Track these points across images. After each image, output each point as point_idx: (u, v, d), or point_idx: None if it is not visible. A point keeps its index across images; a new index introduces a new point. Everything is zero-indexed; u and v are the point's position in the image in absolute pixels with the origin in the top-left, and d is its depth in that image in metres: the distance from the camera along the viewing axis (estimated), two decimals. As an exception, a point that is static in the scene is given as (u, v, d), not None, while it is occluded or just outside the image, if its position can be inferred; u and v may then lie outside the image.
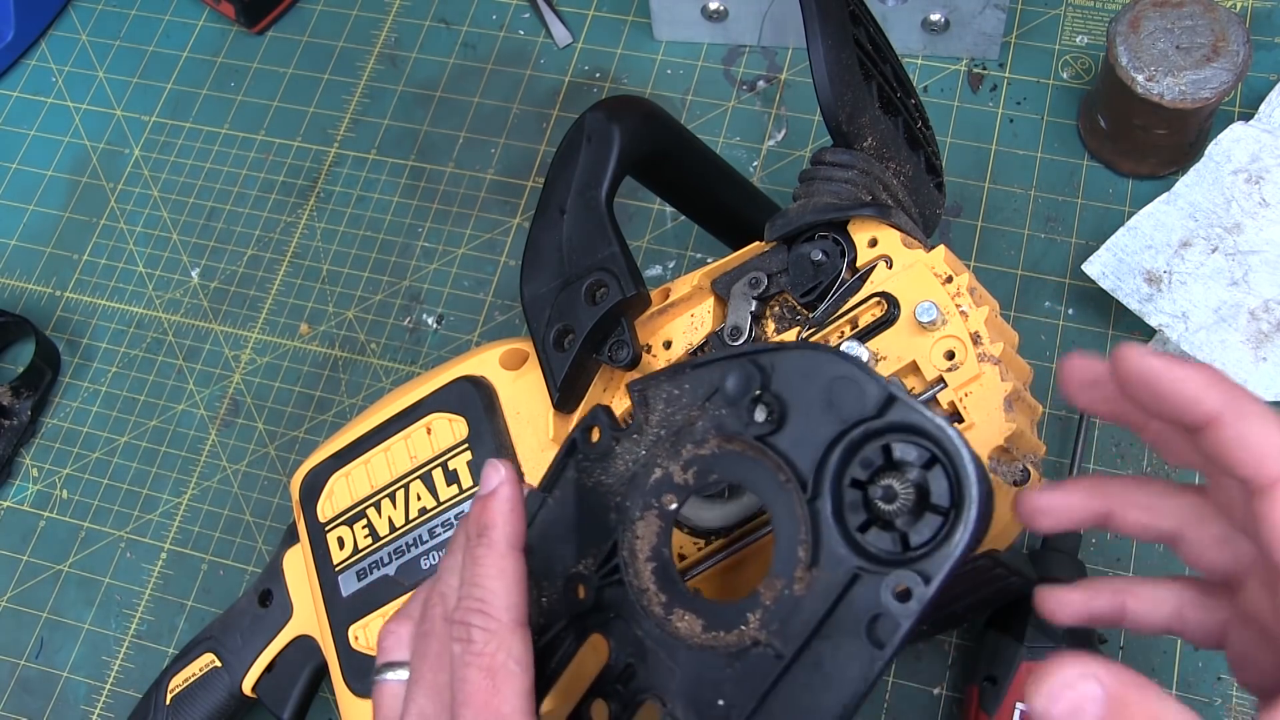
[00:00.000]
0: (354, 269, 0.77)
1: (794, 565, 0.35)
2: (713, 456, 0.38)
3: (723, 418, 0.38)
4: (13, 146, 0.86)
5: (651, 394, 0.39)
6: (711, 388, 0.38)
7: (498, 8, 0.83)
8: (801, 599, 0.35)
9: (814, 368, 0.36)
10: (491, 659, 0.36)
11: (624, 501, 0.39)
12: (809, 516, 0.35)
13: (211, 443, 0.73)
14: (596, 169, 0.51)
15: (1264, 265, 0.63)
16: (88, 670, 0.69)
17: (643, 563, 0.39)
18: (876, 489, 0.34)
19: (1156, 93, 0.63)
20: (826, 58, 0.50)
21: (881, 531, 0.34)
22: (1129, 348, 0.35)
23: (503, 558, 0.38)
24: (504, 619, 0.37)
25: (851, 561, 0.34)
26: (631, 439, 0.40)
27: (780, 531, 0.36)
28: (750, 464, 0.37)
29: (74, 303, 0.79)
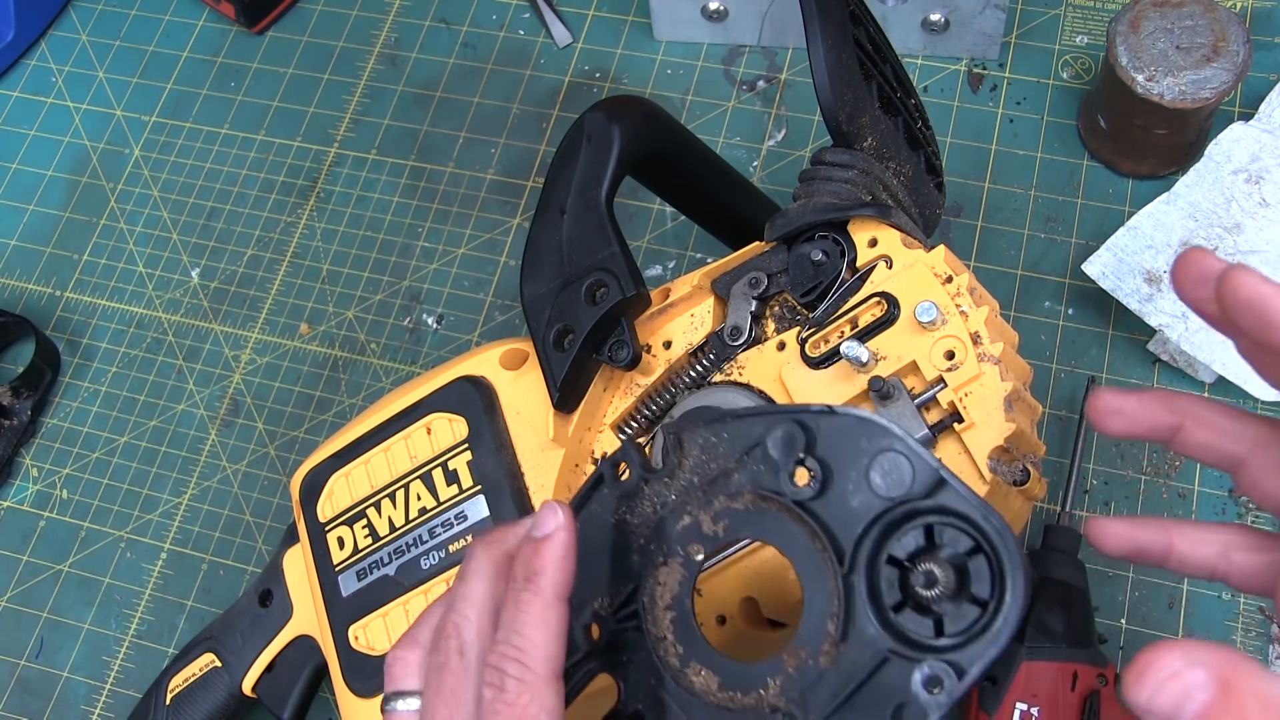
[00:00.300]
0: (354, 269, 0.77)
1: (822, 637, 0.35)
2: (746, 512, 0.37)
3: (761, 474, 0.37)
4: (13, 146, 0.86)
5: (687, 438, 0.39)
6: (752, 441, 0.37)
7: (498, 8, 0.83)
8: (826, 672, 0.34)
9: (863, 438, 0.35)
10: (523, 711, 0.35)
11: (648, 545, 0.39)
12: (843, 590, 0.35)
13: (211, 443, 0.73)
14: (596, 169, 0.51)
15: (1264, 265, 0.63)
16: (88, 670, 0.69)
17: (662, 610, 0.38)
18: (918, 573, 0.34)
19: (1156, 93, 0.63)
20: (826, 58, 0.50)
21: (917, 615, 0.34)
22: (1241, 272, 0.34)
23: (548, 608, 0.37)
24: (541, 671, 0.36)
25: (883, 643, 0.34)
26: (662, 481, 0.39)
27: (811, 601, 0.35)
28: (785, 526, 0.36)
29: (74, 303, 0.79)
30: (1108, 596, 0.61)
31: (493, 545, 0.40)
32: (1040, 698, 0.54)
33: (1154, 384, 0.65)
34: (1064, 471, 0.63)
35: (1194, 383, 0.64)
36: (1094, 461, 0.64)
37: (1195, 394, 0.40)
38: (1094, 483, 0.63)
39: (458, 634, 0.38)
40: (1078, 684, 0.54)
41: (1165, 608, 0.60)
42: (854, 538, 0.35)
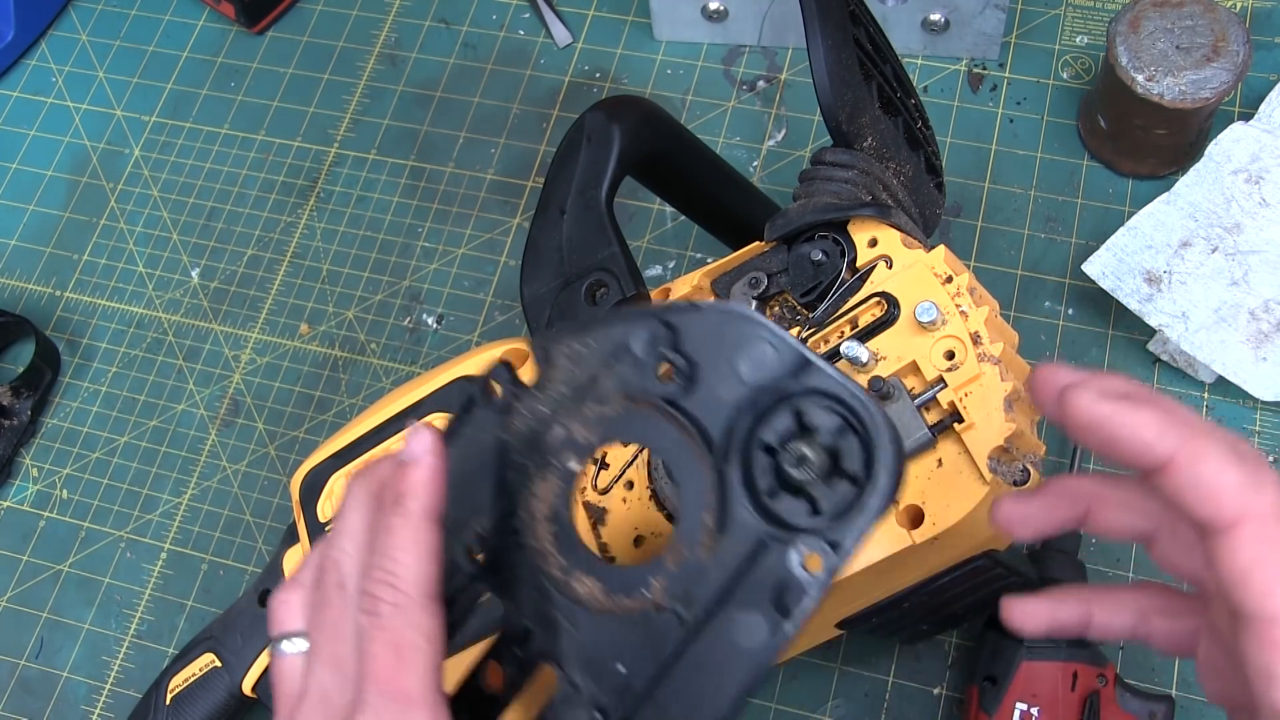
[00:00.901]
0: (354, 269, 0.77)
1: (699, 531, 0.34)
2: (617, 417, 0.37)
3: (629, 377, 0.36)
4: (13, 146, 0.86)
5: (554, 350, 0.38)
6: (618, 345, 0.37)
7: (498, 8, 0.83)
8: (707, 565, 0.34)
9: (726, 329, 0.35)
10: (399, 634, 0.35)
11: (524, 460, 0.38)
12: (716, 481, 0.34)
13: (211, 443, 0.73)
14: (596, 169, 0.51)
15: (1264, 265, 0.63)
16: (88, 670, 0.69)
17: (541, 523, 0.38)
18: (787, 455, 0.33)
19: (1156, 93, 0.63)
20: (826, 58, 0.50)
21: (791, 498, 0.33)
22: (1078, 393, 0.34)
23: (416, 529, 0.37)
24: (413, 593, 0.36)
25: (759, 528, 0.33)
26: (533, 396, 0.38)
27: (687, 496, 0.35)
28: (656, 426, 0.36)
29: (74, 303, 0.79)
30: (1108, 596, 0.60)
31: (368, 477, 0.39)
32: (1040, 698, 0.54)
33: (1154, 384, 0.65)
34: (1064, 471, 0.63)
35: (1194, 383, 0.64)
36: (1094, 462, 0.64)
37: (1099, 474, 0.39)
38: (1094, 483, 0.63)
39: (336, 568, 0.37)
40: (1078, 684, 0.54)
41: (1165, 608, 0.60)
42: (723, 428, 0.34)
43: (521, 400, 0.39)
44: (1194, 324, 0.62)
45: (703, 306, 0.35)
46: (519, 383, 0.39)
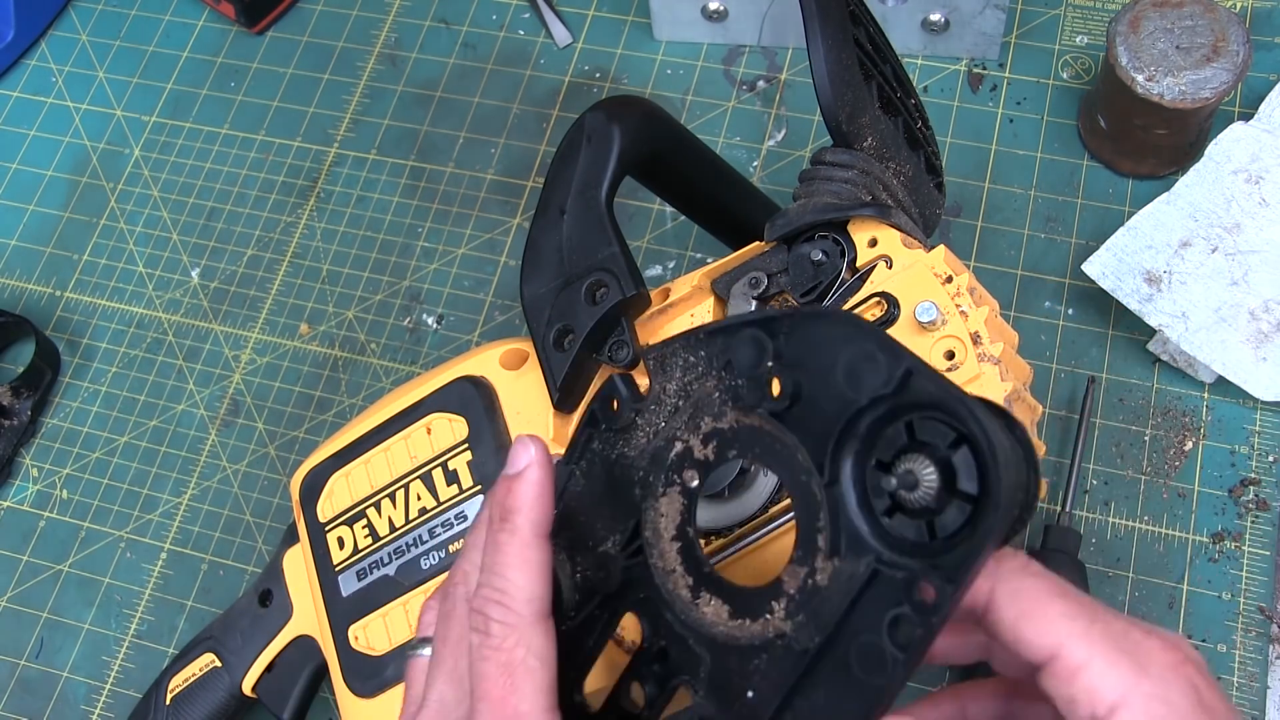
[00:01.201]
0: (354, 269, 0.77)
1: (814, 553, 0.33)
2: (731, 431, 0.35)
3: (738, 389, 0.35)
4: (13, 146, 0.86)
5: (669, 362, 0.37)
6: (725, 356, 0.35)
7: (498, 8, 0.83)
8: (824, 589, 0.32)
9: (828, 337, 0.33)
10: (510, 654, 0.35)
11: (647, 476, 0.37)
12: (828, 501, 0.33)
13: (211, 443, 0.73)
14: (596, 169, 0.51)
15: (1264, 265, 0.63)
16: (88, 670, 0.69)
17: (668, 542, 0.37)
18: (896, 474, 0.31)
19: (1156, 93, 0.63)
20: (826, 58, 0.50)
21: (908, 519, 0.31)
22: None
23: (526, 546, 0.36)
24: (524, 612, 0.35)
25: (873, 551, 0.32)
26: (651, 410, 0.37)
27: (800, 517, 0.33)
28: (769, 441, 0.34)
29: (74, 303, 0.79)
30: (1108, 596, 0.61)
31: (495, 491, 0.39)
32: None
33: (1154, 384, 0.65)
34: (1064, 471, 0.63)
35: (1194, 383, 0.64)
36: (1094, 461, 0.64)
37: None
38: (1094, 483, 0.63)
39: (464, 581, 0.38)
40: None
41: (1165, 607, 0.60)
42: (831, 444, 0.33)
43: (642, 414, 0.38)
44: (1194, 324, 0.62)
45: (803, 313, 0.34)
46: (639, 396, 0.38)
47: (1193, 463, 0.63)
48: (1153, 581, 0.61)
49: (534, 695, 0.35)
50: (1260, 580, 0.60)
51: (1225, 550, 0.61)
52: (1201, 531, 0.61)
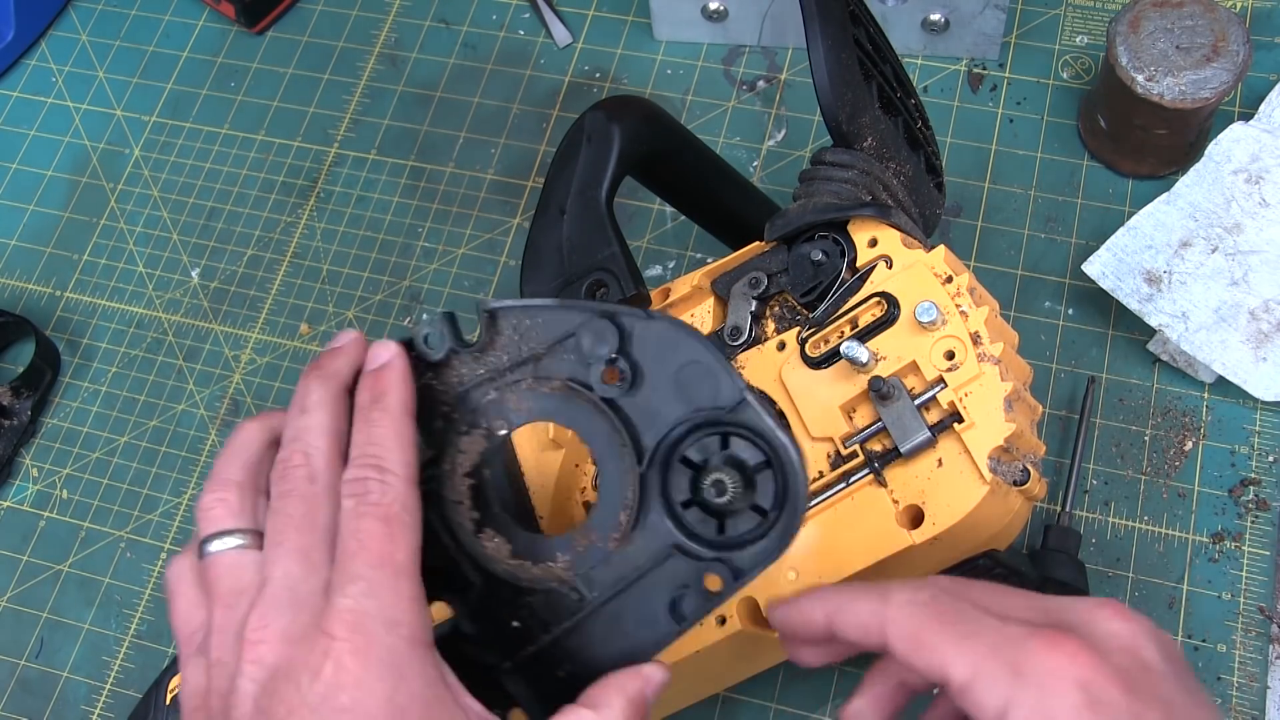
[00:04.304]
0: (354, 269, 0.77)
1: (614, 525, 0.37)
2: (553, 397, 0.39)
3: (573, 364, 0.39)
4: (13, 146, 0.86)
5: (502, 318, 0.40)
6: (566, 331, 0.39)
7: (498, 8, 0.83)
8: (613, 556, 0.37)
9: (675, 346, 0.37)
10: (388, 509, 0.36)
11: (451, 413, 0.40)
12: (638, 485, 0.37)
13: (211, 443, 0.73)
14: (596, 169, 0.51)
15: (1264, 265, 0.63)
16: (88, 670, 0.69)
17: (460, 477, 0.40)
18: (710, 478, 0.36)
19: (1156, 93, 0.63)
20: (826, 58, 0.50)
21: (702, 514, 0.37)
22: (770, 613, 0.41)
23: (397, 420, 0.38)
24: (401, 473, 0.37)
25: (670, 537, 0.37)
26: (472, 355, 0.40)
27: (606, 490, 0.38)
28: (590, 416, 0.38)
29: (74, 303, 0.79)
30: (1108, 596, 0.60)
31: (330, 379, 0.40)
32: None
33: (1154, 384, 0.65)
34: (1064, 471, 0.63)
35: (1194, 383, 0.64)
36: (1094, 461, 0.64)
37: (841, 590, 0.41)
38: (1094, 483, 0.63)
39: (307, 461, 0.38)
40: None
41: (1165, 607, 0.60)
42: (655, 439, 0.37)
43: (459, 356, 0.40)
44: (1194, 324, 0.62)
45: (656, 317, 0.37)
46: (460, 338, 0.40)
47: (1193, 463, 0.63)
48: (1153, 581, 0.61)
49: (409, 548, 0.36)
50: (1260, 580, 0.60)
51: (1225, 550, 0.61)
52: (1201, 531, 0.61)
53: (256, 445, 0.41)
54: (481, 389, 0.40)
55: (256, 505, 0.40)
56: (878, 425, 0.47)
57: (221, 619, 0.37)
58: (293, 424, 0.39)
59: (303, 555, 0.36)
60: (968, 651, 0.34)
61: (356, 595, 0.35)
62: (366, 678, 0.34)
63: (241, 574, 0.38)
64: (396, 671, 0.34)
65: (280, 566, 0.36)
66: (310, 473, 0.38)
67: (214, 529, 0.39)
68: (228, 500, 0.39)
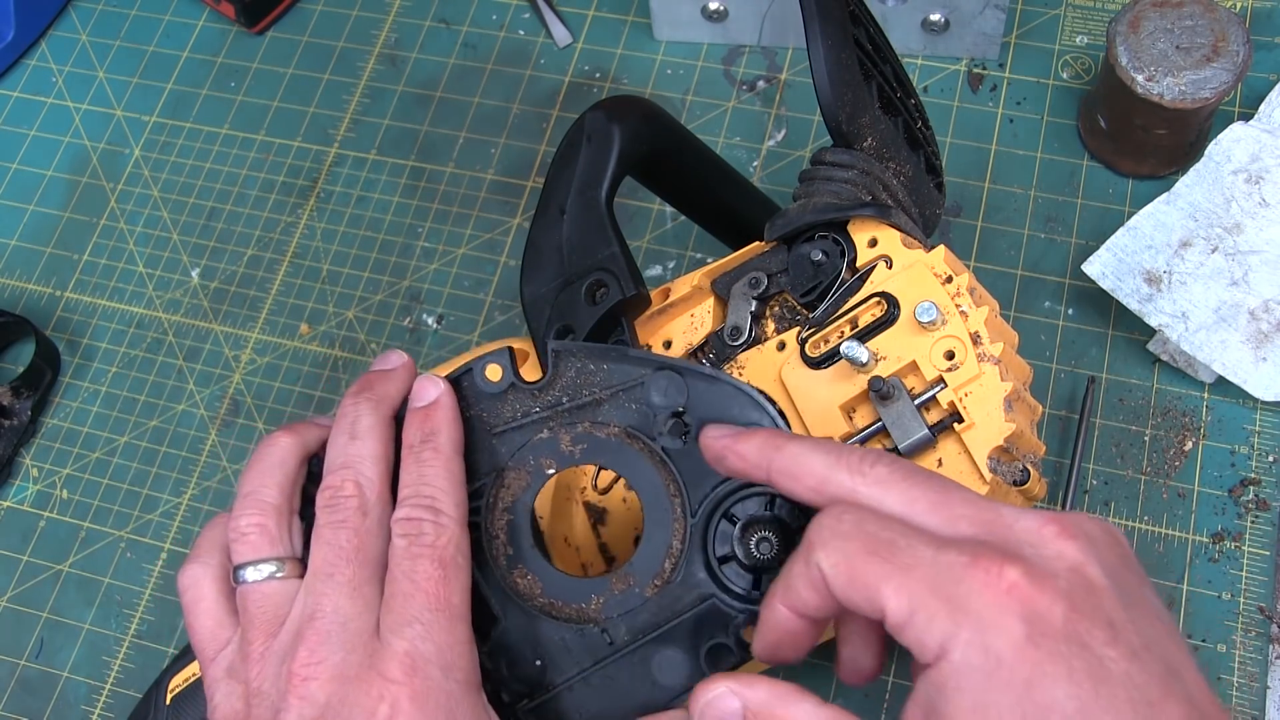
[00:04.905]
0: (354, 269, 0.77)
1: (654, 571, 0.38)
2: (610, 442, 0.40)
3: (634, 414, 0.40)
4: (13, 146, 0.86)
5: (565, 359, 0.41)
6: (630, 381, 0.40)
7: (498, 8, 0.83)
8: (649, 601, 0.38)
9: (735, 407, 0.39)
10: (443, 551, 0.37)
11: (499, 447, 0.41)
12: (684, 535, 0.38)
13: (211, 443, 0.73)
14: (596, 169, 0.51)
15: (1264, 265, 0.63)
16: (88, 670, 0.69)
17: (499, 512, 0.40)
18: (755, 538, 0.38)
19: (1156, 93, 0.63)
20: (826, 58, 0.50)
21: (739, 569, 0.38)
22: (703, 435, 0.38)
23: (449, 460, 0.39)
24: (454, 514, 0.38)
25: (708, 588, 0.38)
26: (530, 392, 0.41)
27: (651, 538, 0.39)
28: (643, 466, 0.39)
29: (74, 303, 0.79)
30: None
31: (381, 404, 0.40)
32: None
33: (1154, 384, 0.65)
34: (1064, 471, 0.63)
35: (1194, 383, 0.64)
36: (1094, 461, 0.64)
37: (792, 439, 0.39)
38: (1094, 483, 0.63)
39: (360, 493, 0.38)
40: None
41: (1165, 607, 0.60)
42: (704, 493, 0.39)
43: (515, 390, 0.41)
44: (1194, 324, 0.62)
45: (722, 379, 0.39)
46: (519, 375, 0.41)
47: (1193, 463, 0.63)
48: (1152, 581, 0.61)
49: (464, 591, 0.37)
50: (1260, 580, 0.60)
51: (1225, 550, 0.61)
52: (1201, 531, 0.61)
53: (292, 464, 0.40)
54: (535, 426, 0.40)
55: (293, 530, 0.39)
56: (878, 425, 0.47)
57: (261, 647, 0.37)
58: (342, 449, 0.39)
59: (354, 590, 0.36)
60: (903, 587, 0.32)
61: (413, 638, 0.35)
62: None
63: (280, 603, 0.37)
64: (451, 716, 0.35)
65: (331, 600, 0.36)
66: (363, 504, 0.38)
67: (253, 556, 0.38)
68: (266, 526, 0.39)
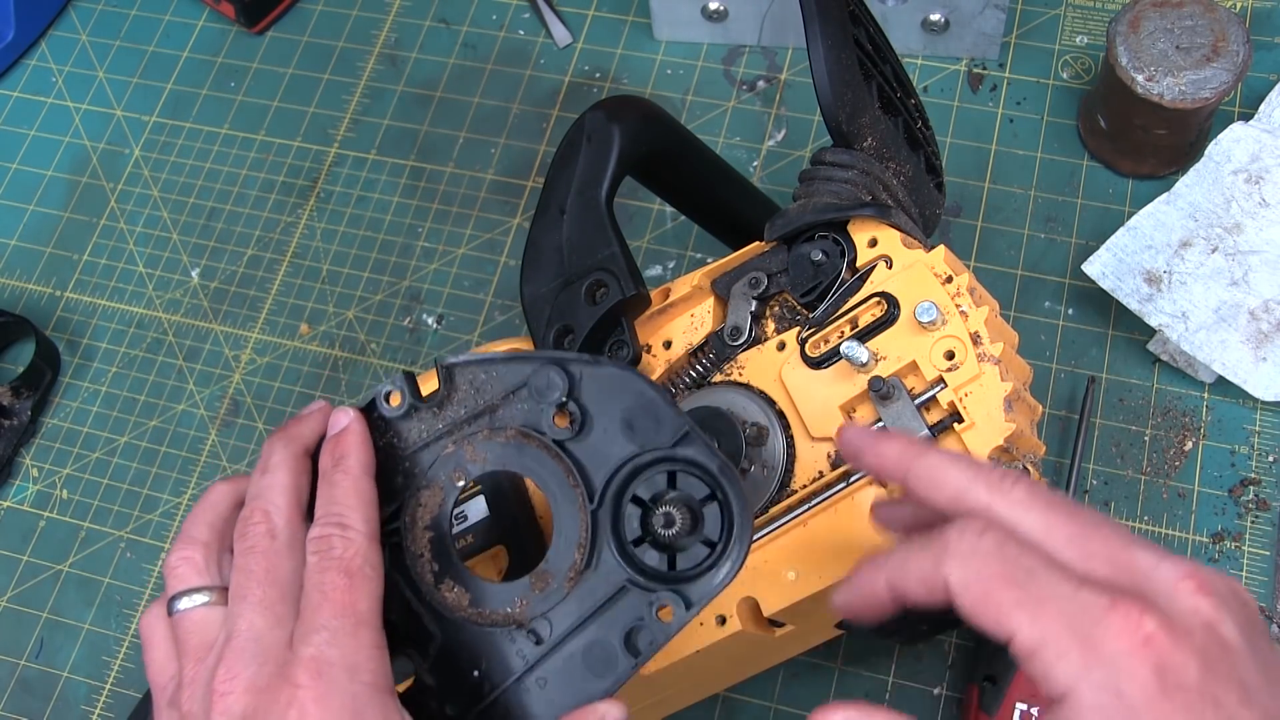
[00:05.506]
0: (354, 269, 0.77)
1: (568, 565, 0.39)
2: (507, 446, 0.40)
3: (525, 413, 0.40)
4: (13, 146, 0.86)
5: (458, 374, 0.41)
6: (519, 382, 0.40)
7: (498, 8, 0.83)
8: (569, 595, 0.39)
9: (621, 388, 0.39)
10: (350, 562, 0.38)
11: (413, 468, 0.42)
12: (590, 524, 0.39)
13: (211, 443, 0.73)
14: (596, 169, 0.51)
15: (1264, 265, 0.63)
16: (88, 670, 0.69)
17: (420, 530, 0.41)
18: (658, 513, 0.38)
19: (1156, 93, 0.63)
20: (826, 58, 0.50)
21: (654, 550, 0.38)
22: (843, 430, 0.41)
23: (359, 480, 0.40)
24: (363, 529, 0.39)
25: (623, 574, 0.38)
26: (430, 411, 0.42)
27: (560, 532, 0.39)
28: (543, 461, 0.40)
29: (74, 303, 0.79)
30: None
31: (289, 440, 0.42)
32: (1040, 698, 0.54)
33: (1154, 384, 0.65)
34: (1064, 471, 0.63)
35: (1194, 383, 0.64)
36: (1094, 461, 0.64)
37: None
38: (1094, 483, 0.63)
39: (267, 519, 0.40)
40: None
41: (1165, 608, 0.60)
42: (604, 478, 0.39)
43: (419, 413, 0.42)
44: (1194, 324, 0.62)
45: (602, 363, 0.39)
46: (419, 395, 0.42)
47: (1193, 463, 0.63)
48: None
49: (370, 598, 0.38)
50: (1260, 580, 0.60)
51: (1225, 550, 0.61)
52: (1201, 531, 0.61)
53: (224, 505, 0.43)
54: (440, 443, 0.41)
55: (223, 563, 0.42)
56: (878, 425, 0.47)
57: (191, 672, 0.39)
58: (254, 484, 0.41)
59: (266, 608, 0.38)
60: (1038, 619, 0.32)
61: (319, 644, 0.37)
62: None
63: (209, 629, 0.40)
64: (357, 716, 0.36)
65: (244, 620, 0.38)
66: (270, 529, 0.40)
67: (181, 586, 0.41)
68: (194, 559, 0.41)
